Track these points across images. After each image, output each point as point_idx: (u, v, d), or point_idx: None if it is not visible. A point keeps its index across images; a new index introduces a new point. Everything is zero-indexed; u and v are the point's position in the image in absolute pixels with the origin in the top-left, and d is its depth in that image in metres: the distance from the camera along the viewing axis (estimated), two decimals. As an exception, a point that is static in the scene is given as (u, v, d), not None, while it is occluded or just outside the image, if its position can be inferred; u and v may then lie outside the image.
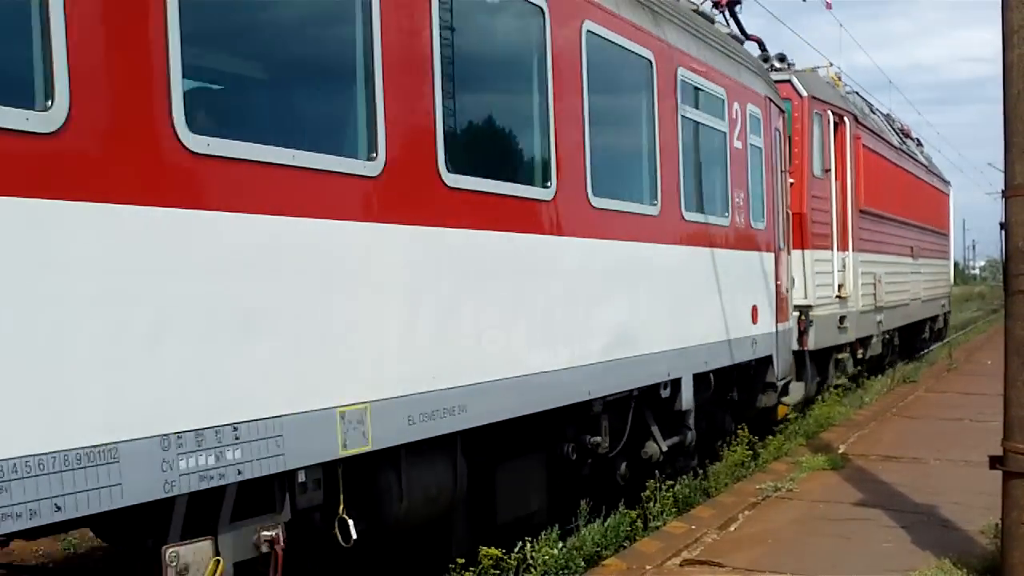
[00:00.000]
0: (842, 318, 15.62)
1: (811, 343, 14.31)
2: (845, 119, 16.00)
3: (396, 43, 5.40)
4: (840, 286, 15.42)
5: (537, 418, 6.89)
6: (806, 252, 14.24)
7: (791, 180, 13.26)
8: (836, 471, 9.92)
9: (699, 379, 9.44)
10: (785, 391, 12.68)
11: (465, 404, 5.94)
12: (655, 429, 9.01)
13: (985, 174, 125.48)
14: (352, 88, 5.34)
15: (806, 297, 14.19)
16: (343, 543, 5.32)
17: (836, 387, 15.41)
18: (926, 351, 24.36)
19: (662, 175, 8.73)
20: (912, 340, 22.94)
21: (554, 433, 7.59)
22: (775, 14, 25.52)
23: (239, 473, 4.45)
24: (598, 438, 7.89)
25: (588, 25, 7.46)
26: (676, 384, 8.95)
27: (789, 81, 14.52)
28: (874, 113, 20.27)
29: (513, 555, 6.68)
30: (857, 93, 20.03)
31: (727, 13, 14.39)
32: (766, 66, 13.71)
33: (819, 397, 14.56)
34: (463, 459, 6.35)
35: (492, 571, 6.45)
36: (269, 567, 4.83)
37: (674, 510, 8.65)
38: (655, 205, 8.62)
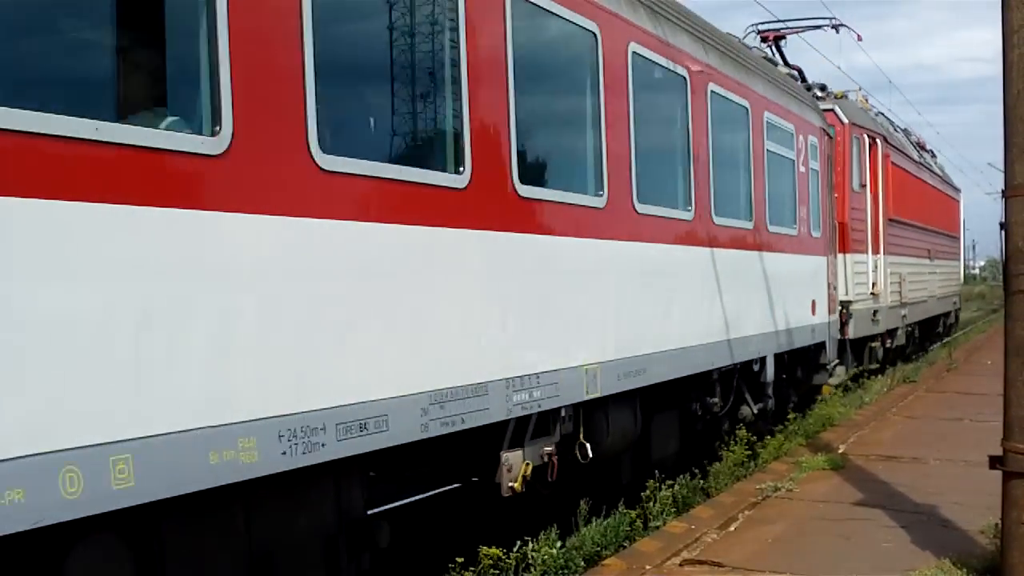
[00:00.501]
0: (875, 312, 17.95)
1: (851, 333, 16.55)
2: (877, 141, 18.58)
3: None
4: (873, 284, 17.93)
5: (676, 382, 9.21)
6: (847, 256, 16.49)
7: (835, 194, 15.60)
8: (836, 471, 9.92)
9: (776, 358, 12.03)
10: (831, 372, 14.95)
11: (645, 368, 8.40)
12: (748, 396, 11.67)
13: (985, 174, 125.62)
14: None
15: (847, 294, 16.36)
16: (580, 460, 7.86)
17: (869, 370, 18.46)
18: (940, 343, 26.95)
19: (755, 197, 11.25)
20: (928, 334, 25.45)
21: (685, 395, 10.01)
22: (775, 14, 25.39)
23: (539, 406, 6.84)
24: (715, 399, 10.57)
25: (712, 87, 10.13)
26: (762, 361, 11.63)
27: (832, 110, 16.88)
28: (897, 131, 22.88)
29: (512, 554, 6.67)
30: (882, 113, 22.63)
31: (773, 47, 18.08)
32: (809, 93, 15.99)
33: (857, 380, 16.98)
34: (640, 409, 8.83)
35: (492, 571, 6.45)
36: (546, 471, 7.33)
37: (674, 510, 8.65)
38: (751, 221, 11.14)
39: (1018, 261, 5.60)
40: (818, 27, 20.38)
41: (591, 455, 7.86)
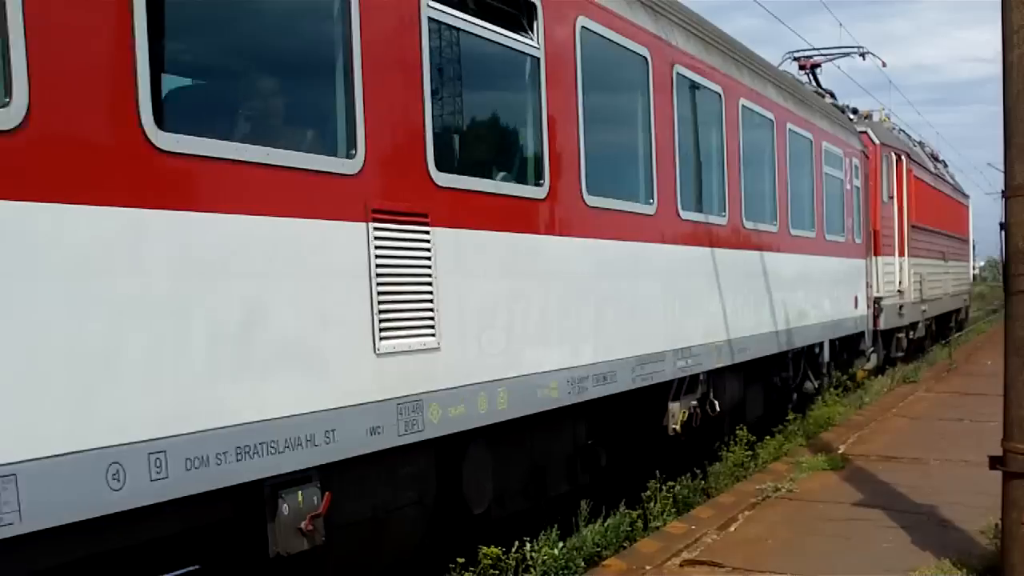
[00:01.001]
0: (900, 307, 20.57)
1: (882, 325, 19.20)
2: (902, 157, 21.22)
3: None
4: (899, 283, 20.56)
5: (761, 360, 12.00)
6: (878, 258, 19.05)
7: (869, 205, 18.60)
8: (836, 471, 9.92)
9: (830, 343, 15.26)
10: (868, 358, 18.25)
11: (747, 347, 11.19)
12: (810, 374, 14.75)
13: (985, 174, 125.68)
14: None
15: (878, 291, 18.86)
16: (710, 413, 10.32)
17: (896, 357, 21.00)
18: (954, 336, 29.44)
19: (816, 213, 14.29)
20: (942, 328, 28.15)
21: (767, 371, 12.86)
22: (775, 14, 25.47)
23: (692, 370, 9.65)
24: (788, 374, 13.72)
25: (789, 126, 12.99)
26: (821, 345, 14.77)
27: (866, 132, 19.52)
28: (915, 145, 25.87)
29: (512, 555, 6.67)
30: (902, 130, 25.52)
31: (810, 74, 21.23)
32: (845, 116, 18.81)
33: (883, 369, 19.37)
34: (743, 380, 11.65)
35: (491, 571, 6.45)
36: (691, 420, 9.85)
37: (674, 510, 8.66)
38: (814, 231, 14.18)
39: (1018, 261, 5.59)
40: (847, 55, 23.25)
41: (718, 410, 10.47)
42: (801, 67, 21.33)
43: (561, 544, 7.08)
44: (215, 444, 4.41)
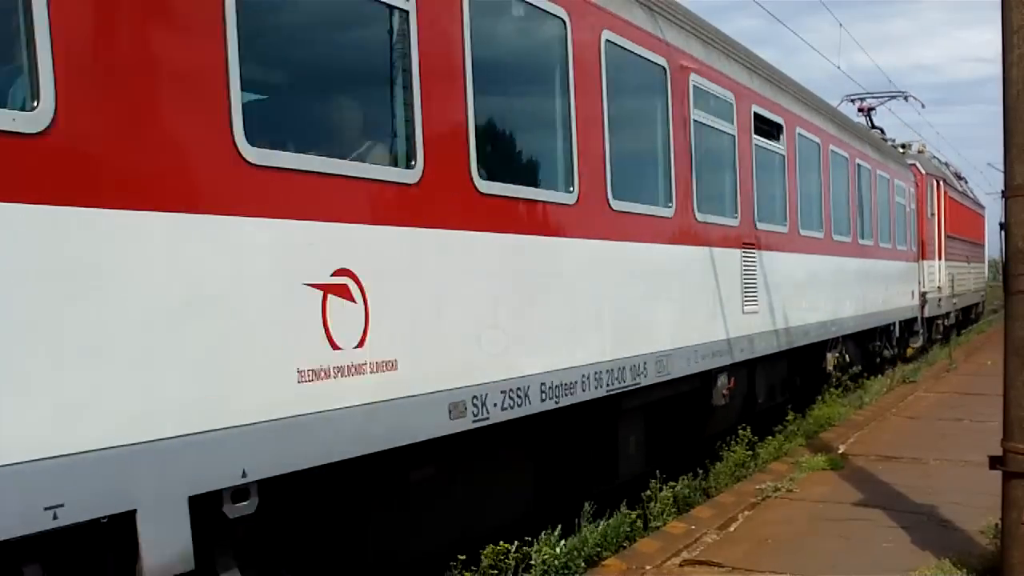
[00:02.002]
0: (939, 300, 25.81)
1: (927, 313, 24.33)
2: (940, 183, 26.93)
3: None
4: (939, 280, 25.82)
5: (862, 332, 17.44)
6: (923, 261, 24.22)
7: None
8: (836, 471, 9.92)
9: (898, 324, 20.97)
10: (917, 337, 23.59)
11: (858, 323, 16.51)
12: (887, 344, 20.39)
13: (985, 175, 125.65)
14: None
15: (923, 287, 24.05)
16: (845, 361, 15.83)
17: (936, 338, 26.47)
18: (973, 326, 35.60)
19: (892, 227, 19.96)
20: (966, 318, 34.35)
21: (863, 339, 18.29)
22: (774, 15, 25.40)
23: (834, 333, 15.00)
24: (877, 343, 19.44)
25: (859, 161, 17.21)
26: (894, 324, 20.43)
27: (915, 164, 24.64)
28: (944, 166, 31.09)
29: (512, 555, 6.67)
30: (935, 157, 30.01)
31: (867, 116, 26.91)
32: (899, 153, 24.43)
33: (924, 350, 24.40)
34: (855, 343, 17.16)
35: (491, 571, 6.45)
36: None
37: (674, 510, 8.65)
38: (890, 243, 19.73)
39: (1018, 261, 5.60)
40: (893, 98, 28.91)
41: (847, 359, 16.21)
42: (859, 110, 27.27)
43: (561, 543, 7.07)
44: (706, 349, 9.91)
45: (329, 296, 5.02)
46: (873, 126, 25.64)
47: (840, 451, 11.02)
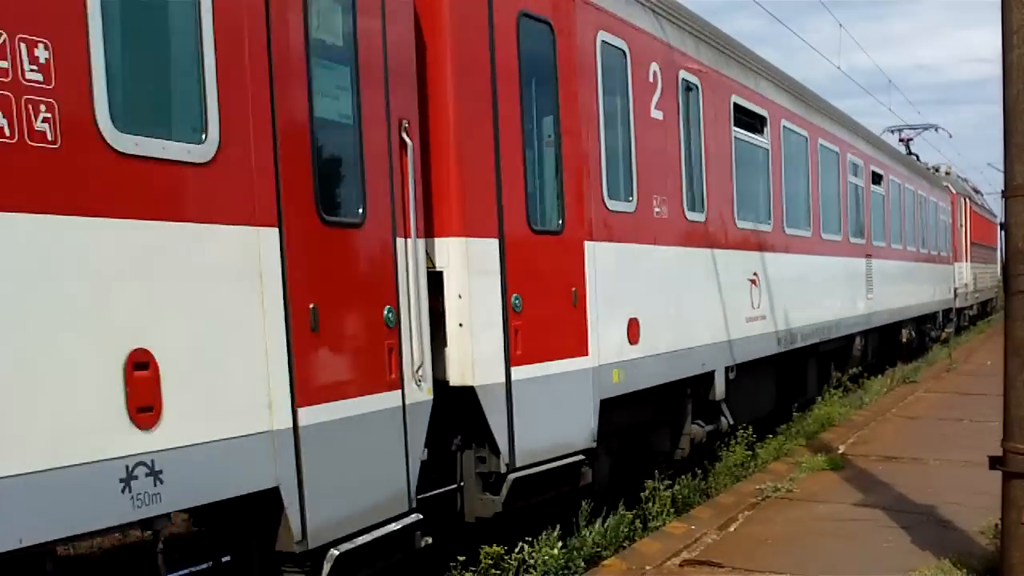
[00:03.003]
0: (966, 294, 32.34)
1: (957, 305, 30.85)
2: (966, 199, 33.61)
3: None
4: (966, 279, 32.09)
5: (918, 317, 23.84)
6: (955, 263, 30.60)
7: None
8: (836, 471, 9.92)
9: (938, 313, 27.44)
10: (950, 323, 29.75)
11: (918, 311, 23.63)
12: (932, 329, 26.70)
13: (985, 175, 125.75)
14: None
15: (955, 284, 30.16)
16: (911, 337, 22.87)
17: (962, 326, 33.00)
18: (989, 318, 41.67)
19: (937, 239, 26.60)
20: (983, 309, 40.56)
21: (920, 323, 24.46)
22: (775, 15, 25.52)
23: (909, 315, 22.35)
24: (929, 326, 26.20)
25: (922, 193, 24.47)
26: (938, 313, 27.06)
27: (948, 186, 31.37)
28: (965, 182, 37.81)
29: (513, 555, 6.67)
30: (959, 176, 36.87)
31: (906, 145, 32.64)
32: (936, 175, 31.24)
33: (951, 340, 28.79)
34: (915, 325, 23.65)
35: (492, 571, 6.45)
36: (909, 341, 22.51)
37: (673, 510, 8.65)
38: (936, 250, 26.33)
39: (1018, 261, 5.60)
40: (927, 128, 34.53)
41: (913, 336, 23.04)
42: (900, 140, 33.08)
43: (561, 544, 7.07)
44: (851, 321, 16.14)
45: None
46: (909, 152, 31.66)
47: (840, 451, 11.02)
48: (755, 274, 11.52)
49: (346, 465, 5.44)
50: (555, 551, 6.90)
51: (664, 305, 9.18)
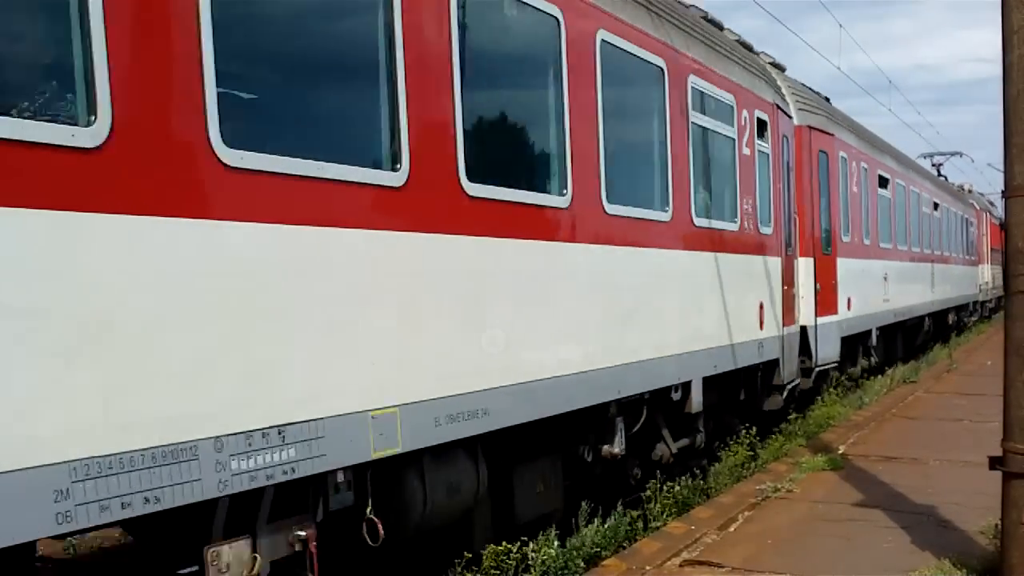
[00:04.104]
0: (987, 290, 38.20)
1: (980, 298, 37.07)
2: (986, 213, 40.36)
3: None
4: (986, 277, 38.23)
5: (935, 313, 26.83)
6: (980, 265, 37.04)
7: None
8: (836, 471, 9.92)
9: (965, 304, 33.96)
10: (976, 313, 36.55)
11: (942, 305, 27.33)
12: (961, 318, 32.99)
13: (985, 175, 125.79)
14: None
15: (979, 281, 36.61)
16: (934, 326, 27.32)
17: (984, 316, 39.38)
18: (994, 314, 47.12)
19: (966, 245, 33.78)
20: (998, 303, 45.76)
21: (946, 313, 29.30)
22: (775, 15, 25.54)
23: (935, 308, 26.31)
24: (963, 314, 33.37)
25: (963, 215, 33.66)
26: (966, 304, 33.27)
27: (973, 203, 37.44)
28: (982, 196, 44.29)
29: (512, 555, 6.67)
30: (980, 193, 44.10)
31: (937, 169, 38.05)
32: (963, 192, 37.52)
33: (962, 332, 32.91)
34: (938, 316, 27.80)
35: (493, 571, 6.45)
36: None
37: (674, 510, 8.65)
38: (966, 255, 33.81)
39: (1018, 261, 5.60)
40: (955, 155, 42.07)
41: (949, 321, 29.81)
42: (933, 164, 38.43)
43: (560, 544, 7.07)
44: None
45: None
46: (939, 174, 36.97)
47: (840, 451, 11.02)
48: (887, 274, 19.26)
49: (792, 350, 12.72)
50: (554, 551, 6.89)
51: (863, 289, 16.97)
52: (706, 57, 9.90)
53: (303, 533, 5.14)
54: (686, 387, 9.14)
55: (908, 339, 23.54)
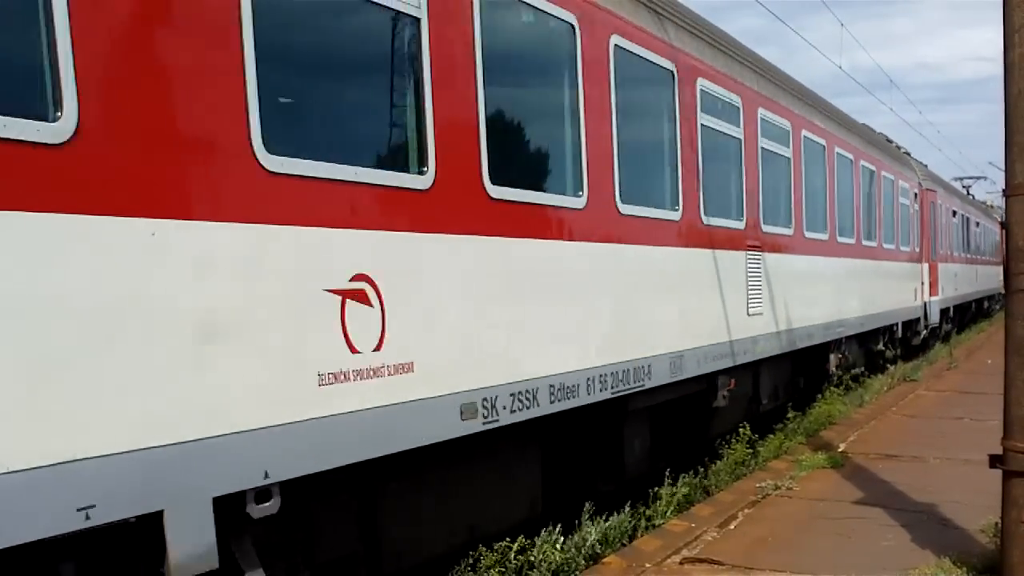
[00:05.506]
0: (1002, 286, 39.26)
1: (998, 294, 41.35)
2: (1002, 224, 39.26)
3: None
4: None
5: (978, 299, 36.46)
6: (1000, 266, 40.12)
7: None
8: (836, 469, 9.93)
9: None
10: (998, 308, 42.02)
11: (972, 297, 34.11)
12: (993, 305, 42.48)
13: (986, 174, 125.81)
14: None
15: (1000, 278, 38.97)
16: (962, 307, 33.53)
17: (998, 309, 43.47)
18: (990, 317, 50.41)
19: (995, 251, 41.94)
20: None
21: (981, 302, 38.77)
22: (776, 14, 25.54)
23: (967, 299, 33.11)
24: (989, 303, 41.20)
25: (990, 226, 40.83)
26: (991, 296, 40.67)
27: (996, 218, 42.23)
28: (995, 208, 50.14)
29: (512, 554, 6.68)
30: (995, 205, 48.35)
31: (966, 189, 43.52)
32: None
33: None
34: (974, 305, 37.30)
35: (493, 571, 6.45)
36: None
37: (674, 508, 8.65)
38: (991, 256, 39.97)
39: (1018, 260, 5.61)
40: (980, 179, 53.13)
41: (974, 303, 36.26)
42: (963, 186, 42.36)
43: (562, 541, 7.08)
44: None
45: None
46: (968, 193, 41.45)
47: (840, 449, 11.02)
48: (956, 272, 26.46)
49: (924, 311, 22.62)
50: (555, 549, 6.90)
51: (953, 281, 25.63)
52: (859, 142, 17.18)
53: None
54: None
55: (974, 313, 35.76)
